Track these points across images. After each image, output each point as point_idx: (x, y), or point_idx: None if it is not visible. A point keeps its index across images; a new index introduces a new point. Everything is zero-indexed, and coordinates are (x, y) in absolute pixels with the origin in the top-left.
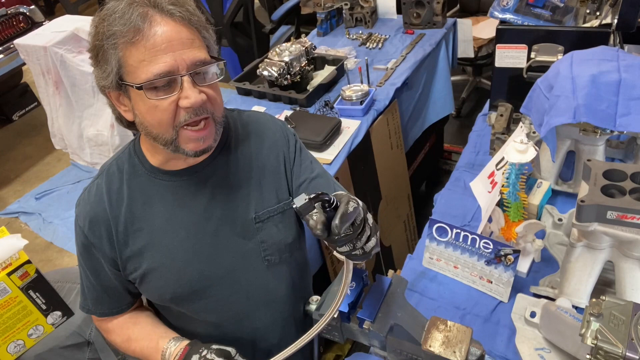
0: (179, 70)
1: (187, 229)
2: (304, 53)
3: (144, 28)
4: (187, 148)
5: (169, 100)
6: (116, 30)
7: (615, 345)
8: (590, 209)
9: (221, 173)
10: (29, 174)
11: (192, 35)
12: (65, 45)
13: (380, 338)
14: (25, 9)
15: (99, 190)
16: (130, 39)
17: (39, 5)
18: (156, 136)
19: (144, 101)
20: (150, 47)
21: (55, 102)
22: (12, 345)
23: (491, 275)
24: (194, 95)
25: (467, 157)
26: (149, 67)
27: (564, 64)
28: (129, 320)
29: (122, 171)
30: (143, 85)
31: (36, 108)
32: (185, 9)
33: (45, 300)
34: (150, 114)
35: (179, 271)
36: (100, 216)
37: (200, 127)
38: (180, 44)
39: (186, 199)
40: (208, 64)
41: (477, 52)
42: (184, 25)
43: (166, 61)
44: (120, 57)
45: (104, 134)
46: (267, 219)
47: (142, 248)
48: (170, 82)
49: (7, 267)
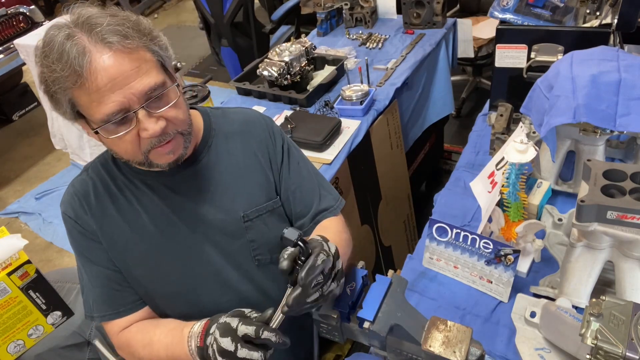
0: (130, 105)
1: (172, 228)
2: (304, 53)
3: (84, 71)
4: (160, 162)
5: (129, 134)
6: (58, 77)
7: (615, 345)
8: (590, 209)
9: (205, 172)
10: (29, 174)
11: (136, 63)
12: None
13: (380, 338)
14: (25, 9)
15: (83, 184)
16: (74, 83)
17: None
18: (128, 160)
19: (106, 138)
20: (95, 90)
21: None
22: (12, 345)
23: (491, 275)
24: (152, 127)
25: (467, 157)
26: (99, 108)
27: (564, 64)
28: (150, 323)
29: (107, 170)
30: (99, 129)
31: (36, 108)
32: (123, 32)
33: (45, 300)
34: (116, 146)
35: (165, 270)
36: (85, 207)
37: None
38: (124, 79)
39: (170, 198)
40: (159, 90)
41: (477, 52)
42: (124, 53)
43: (115, 100)
44: (70, 99)
45: None
46: (256, 217)
47: (128, 247)
48: (125, 118)
49: (7, 267)
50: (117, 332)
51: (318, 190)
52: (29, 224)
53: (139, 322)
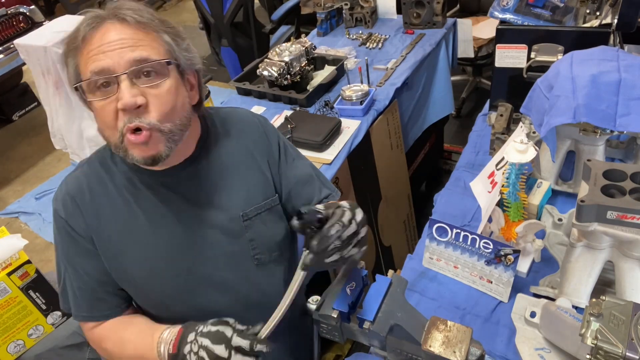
0: (115, 69)
1: (170, 229)
2: (304, 53)
3: (87, 32)
4: (134, 154)
5: (108, 102)
6: (69, 38)
7: (615, 345)
8: (590, 209)
9: (204, 173)
10: (29, 174)
11: (139, 36)
12: None
13: (380, 338)
14: (25, 9)
15: (77, 181)
16: (79, 45)
17: (39, 5)
18: (107, 140)
19: (92, 105)
20: (89, 50)
21: (55, 102)
22: (12, 345)
23: (491, 275)
24: (127, 96)
25: (467, 157)
26: (87, 67)
27: (564, 64)
28: (123, 321)
29: (104, 167)
30: (79, 85)
31: (36, 108)
32: (138, 13)
33: (45, 300)
34: (97, 117)
35: (163, 270)
36: (79, 204)
37: (139, 134)
38: (120, 44)
39: (169, 198)
40: (152, 67)
41: (477, 52)
42: (132, 27)
43: (101, 59)
44: (75, 64)
45: None
46: (255, 216)
47: (124, 248)
48: (108, 83)
49: (7, 267)
50: (90, 328)
51: (317, 182)
52: (29, 224)
53: (113, 319)
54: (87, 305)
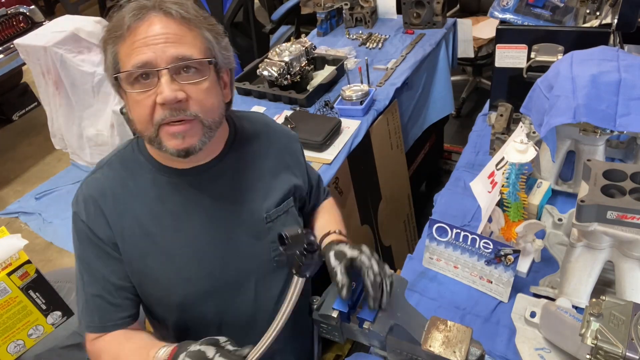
0: (157, 64)
1: (196, 229)
2: (304, 53)
3: (132, 23)
4: (169, 145)
5: (147, 95)
6: (112, 26)
7: (615, 345)
8: (590, 209)
9: (230, 173)
10: (29, 174)
11: (182, 32)
12: (65, 45)
13: (380, 338)
14: (25, 9)
15: (99, 183)
16: (123, 34)
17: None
18: (140, 133)
19: (129, 96)
20: (136, 41)
21: (55, 102)
22: (12, 345)
23: (491, 275)
24: (168, 91)
25: (467, 157)
26: (130, 58)
27: (564, 64)
28: (122, 336)
29: (126, 167)
30: (119, 76)
31: (36, 108)
32: (183, 8)
33: (45, 300)
34: (132, 110)
35: (188, 271)
36: (102, 207)
37: (178, 123)
38: (164, 38)
39: (195, 198)
40: (193, 64)
41: (477, 52)
42: (176, 22)
43: (145, 53)
44: (115, 53)
45: (104, 134)
46: (276, 218)
47: (150, 248)
48: (149, 76)
49: (7, 267)
50: (93, 339)
51: (321, 186)
52: (29, 224)
53: (113, 332)
54: (100, 312)
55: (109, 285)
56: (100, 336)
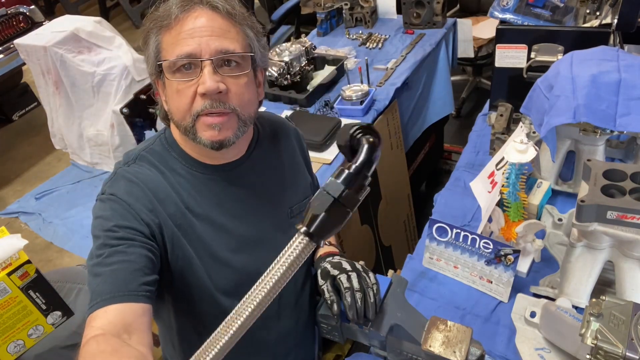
0: (201, 54)
1: (229, 223)
2: (304, 53)
3: (180, 14)
4: (204, 136)
5: (188, 85)
6: (158, 15)
7: (615, 345)
8: (590, 209)
9: (258, 169)
10: (29, 174)
11: (227, 27)
12: (65, 45)
13: (380, 338)
14: (25, 9)
15: (139, 173)
16: (168, 24)
17: (39, 5)
18: (177, 123)
19: (170, 85)
20: (181, 32)
21: (55, 102)
22: (12, 345)
23: (491, 275)
24: (210, 82)
25: (467, 157)
26: (175, 48)
27: (564, 64)
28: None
29: (159, 162)
30: (163, 64)
31: (36, 108)
32: (229, 3)
33: (45, 300)
34: (172, 99)
35: (221, 265)
36: (148, 193)
37: (217, 114)
38: (209, 31)
39: (227, 193)
40: (235, 58)
41: (477, 52)
42: (221, 16)
43: (190, 44)
44: (158, 42)
45: (104, 134)
46: (298, 213)
47: (190, 236)
48: (191, 66)
49: (7, 267)
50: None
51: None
52: (29, 224)
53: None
54: (121, 277)
55: (140, 253)
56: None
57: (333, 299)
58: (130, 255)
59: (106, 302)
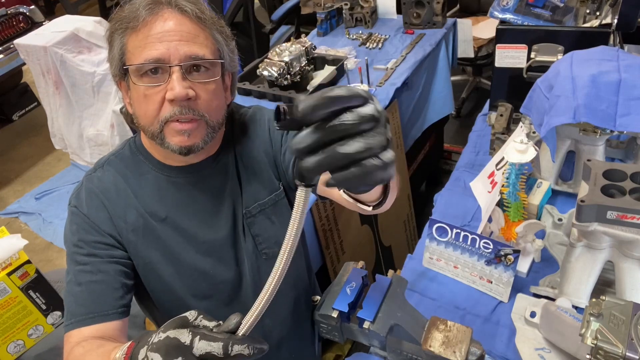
0: (170, 60)
1: (193, 225)
2: (303, 53)
3: (147, 16)
4: (172, 142)
5: (156, 91)
6: (124, 16)
7: (615, 345)
8: (590, 209)
9: (223, 170)
10: (29, 174)
11: (196, 32)
12: (65, 45)
13: (380, 338)
14: (25, 9)
15: (101, 181)
16: (135, 26)
17: (39, 5)
18: (143, 127)
19: (136, 89)
20: (146, 35)
21: (55, 102)
22: (12, 345)
23: (491, 275)
24: (179, 88)
25: (467, 157)
26: (142, 52)
27: (564, 64)
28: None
29: (127, 166)
30: (129, 68)
31: (36, 108)
32: (198, 7)
33: (45, 300)
34: (138, 103)
35: (187, 269)
36: (105, 204)
37: (186, 121)
38: (178, 36)
39: (191, 195)
40: (204, 64)
41: (477, 52)
42: (190, 20)
43: (158, 49)
44: (124, 43)
45: (104, 134)
46: (258, 212)
47: (152, 243)
48: (159, 71)
49: (7, 267)
50: (75, 342)
51: None
52: (29, 224)
53: (90, 340)
54: (93, 298)
55: (108, 270)
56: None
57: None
58: (97, 275)
59: (80, 323)
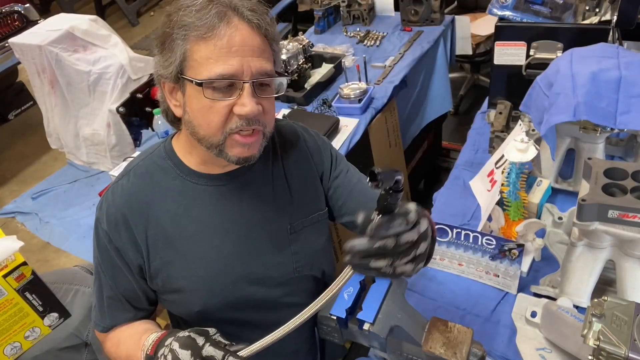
0: (243, 75)
1: (221, 237)
2: (301, 51)
3: (220, 26)
4: (232, 153)
5: (224, 104)
6: (190, 22)
7: (617, 346)
8: (591, 207)
9: (259, 181)
10: (25, 173)
11: (264, 46)
12: (61, 44)
13: (381, 340)
14: (20, 7)
15: (124, 192)
16: (203, 34)
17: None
18: (202, 137)
19: (199, 99)
20: (220, 47)
21: (51, 101)
22: (9, 347)
23: (497, 269)
24: (251, 105)
25: (466, 155)
26: (214, 66)
27: (564, 62)
28: (125, 325)
29: (153, 173)
30: (203, 83)
31: (32, 107)
32: (263, 18)
33: (42, 301)
34: (202, 114)
35: (212, 281)
36: (127, 219)
37: (249, 133)
38: (250, 51)
39: (223, 205)
40: (273, 77)
41: (475, 49)
42: (258, 34)
43: (233, 64)
44: (186, 50)
45: (100, 133)
46: (300, 229)
47: (173, 256)
48: (230, 86)
49: (3, 269)
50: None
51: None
52: (25, 224)
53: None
54: (111, 314)
55: (126, 293)
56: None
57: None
58: (118, 289)
59: (107, 329)
